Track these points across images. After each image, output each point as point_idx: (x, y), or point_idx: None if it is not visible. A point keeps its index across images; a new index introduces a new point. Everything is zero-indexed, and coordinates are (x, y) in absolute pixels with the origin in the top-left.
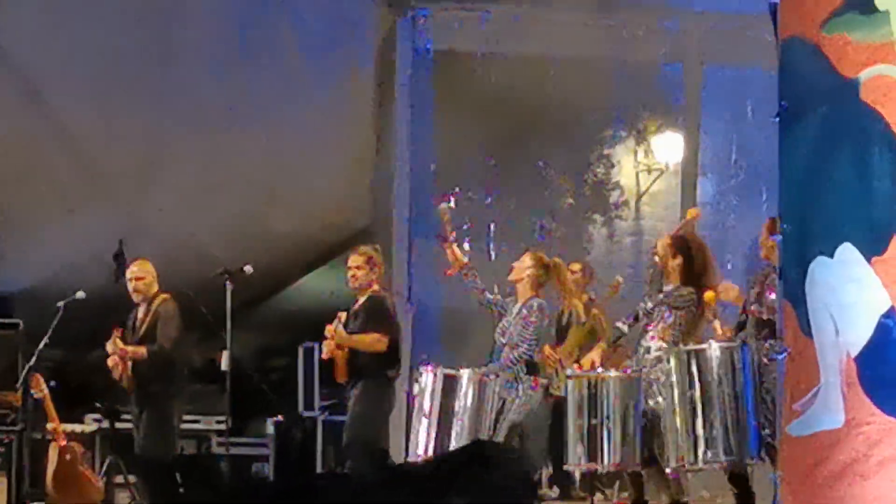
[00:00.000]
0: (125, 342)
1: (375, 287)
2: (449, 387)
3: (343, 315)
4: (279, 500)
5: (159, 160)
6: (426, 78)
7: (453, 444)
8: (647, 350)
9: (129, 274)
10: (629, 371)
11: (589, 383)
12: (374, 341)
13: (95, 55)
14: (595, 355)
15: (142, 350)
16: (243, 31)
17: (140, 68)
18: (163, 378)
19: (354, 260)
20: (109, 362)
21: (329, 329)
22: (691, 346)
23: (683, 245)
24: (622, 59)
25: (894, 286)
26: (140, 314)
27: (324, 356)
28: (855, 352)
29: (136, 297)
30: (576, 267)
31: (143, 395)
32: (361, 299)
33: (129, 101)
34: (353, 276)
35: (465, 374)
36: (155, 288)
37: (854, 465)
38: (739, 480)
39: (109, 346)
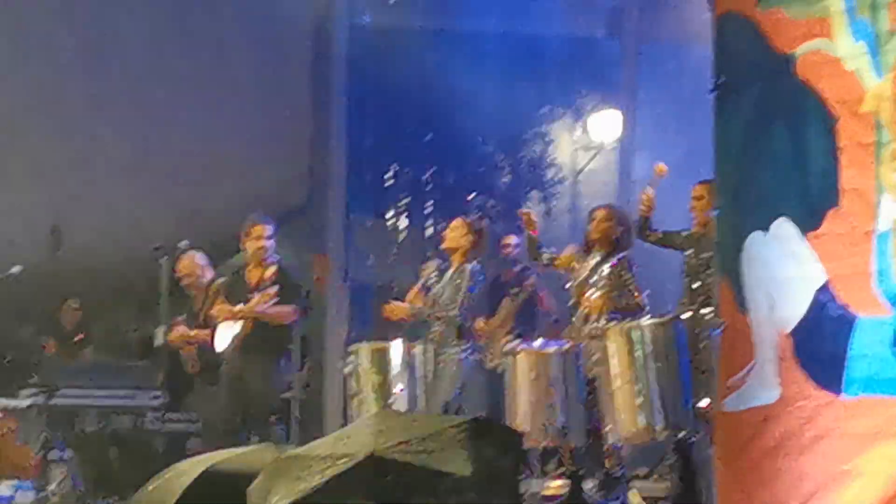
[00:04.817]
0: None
1: None
2: (380, 360)
3: None
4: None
5: (96, 137)
6: (363, 53)
7: None
8: (585, 320)
9: (179, 271)
10: (568, 344)
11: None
12: None
13: (29, 36)
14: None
15: (205, 334)
16: (178, 7)
17: (76, 46)
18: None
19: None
20: (183, 351)
21: None
22: (625, 324)
23: (621, 217)
24: (559, 35)
25: (830, 261)
26: (199, 302)
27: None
28: (790, 327)
29: (189, 291)
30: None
31: (213, 376)
32: None
33: (67, 80)
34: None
35: (393, 345)
36: (208, 276)
37: (789, 439)
38: (683, 449)
39: (175, 336)
